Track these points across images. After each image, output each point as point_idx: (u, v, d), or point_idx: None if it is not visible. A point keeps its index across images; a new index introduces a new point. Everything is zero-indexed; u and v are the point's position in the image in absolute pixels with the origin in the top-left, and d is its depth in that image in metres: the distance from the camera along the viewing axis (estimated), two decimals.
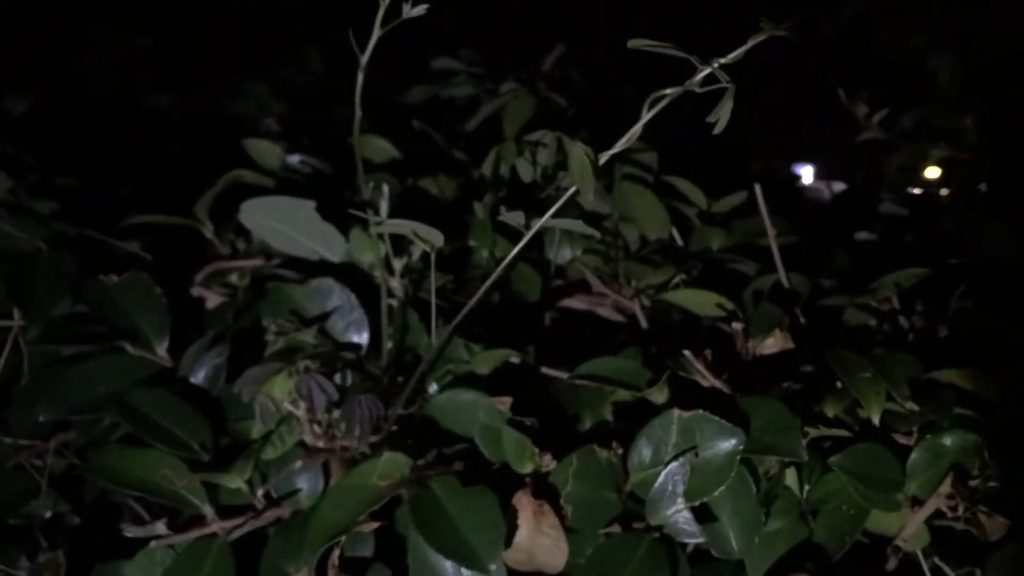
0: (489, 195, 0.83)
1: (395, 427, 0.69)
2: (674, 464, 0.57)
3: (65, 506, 0.94)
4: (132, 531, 0.69)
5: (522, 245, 0.63)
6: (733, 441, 0.57)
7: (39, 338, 0.83)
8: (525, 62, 1.28)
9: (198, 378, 0.76)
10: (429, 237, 0.64)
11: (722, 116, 0.55)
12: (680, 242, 0.95)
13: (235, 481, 0.68)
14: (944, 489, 0.60)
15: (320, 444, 0.67)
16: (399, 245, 0.76)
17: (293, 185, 0.92)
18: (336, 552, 0.61)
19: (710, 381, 0.65)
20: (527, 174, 0.89)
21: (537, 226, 0.61)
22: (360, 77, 0.61)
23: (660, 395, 0.64)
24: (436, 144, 1.04)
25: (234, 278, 0.89)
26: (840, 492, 0.63)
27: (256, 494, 0.69)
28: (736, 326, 0.72)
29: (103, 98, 1.91)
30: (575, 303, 0.95)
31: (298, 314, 0.74)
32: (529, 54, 1.35)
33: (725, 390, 0.65)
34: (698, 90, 0.57)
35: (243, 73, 2.00)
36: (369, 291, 0.75)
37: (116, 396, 0.72)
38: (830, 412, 0.64)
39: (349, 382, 0.72)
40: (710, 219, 0.97)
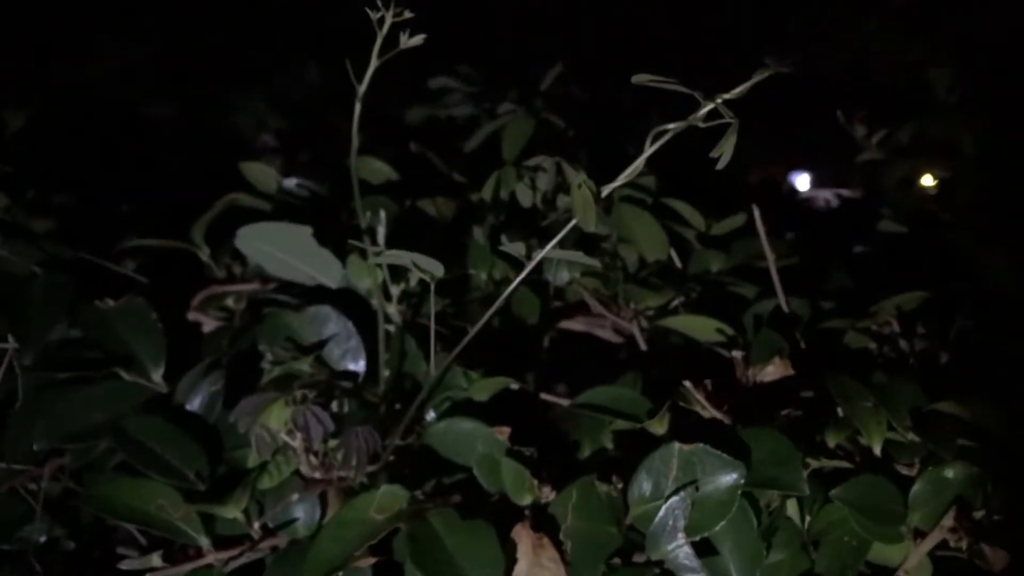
0: (488, 219, 0.83)
1: (392, 457, 0.69)
2: (675, 498, 0.57)
3: (60, 531, 0.93)
4: (128, 564, 0.68)
5: (524, 276, 0.63)
6: (735, 475, 0.56)
7: (34, 363, 0.82)
8: (524, 80, 1.28)
9: (194, 405, 0.76)
10: (429, 268, 0.63)
11: (725, 151, 0.55)
12: (679, 264, 0.94)
13: (231, 511, 0.67)
14: (947, 522, 0.59)
15: (317, 475, 0.67)
16: (397, 271, 0.75)
17: (290, 209, 0.92)
18: None
19: (710, 412, 0.64)
20: (527, 199, 0.88)
21: (538, 257, 0.61)
22: (358, 107, 0.60)
23: (660, 426, 0.63)
24: (434, 165, 1.04)
25: (230, 302, 0.89)
26: (842, 523, 0.62)
27: (253, 524, 0.69)
28: (736, 354, 0.72)
29: (101, 113, 1.91)
30: (574, 325, 0.95)
31: (295, 341, 0.73)
32: (528, 72, 1.35)
33: (726, 421, 0.64)
34: (702, 125, 0.56)
35: (241, 87, 2.00)
36: (367, 317, 0.74)
37: (111, 423, 0.72)
38: (831, 442, 0.63)
39: (346, 410, 0.72)
40: (709, 241, 0.96)
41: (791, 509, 0.64)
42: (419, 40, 0.60)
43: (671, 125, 0.57)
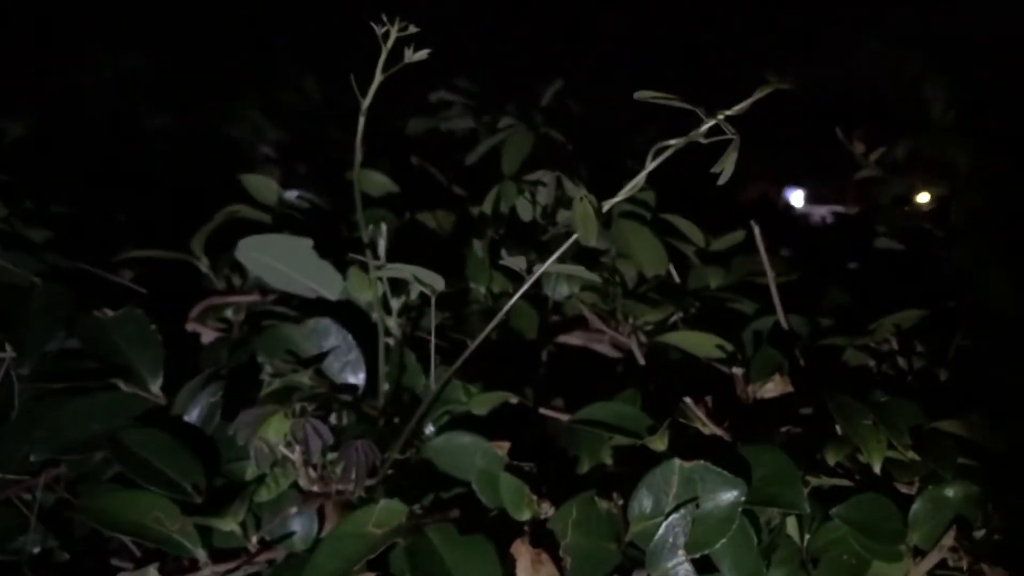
0: (488, 233, 0.83)
1: (391, 471, 0.68)
2: (675, 515, 0.57)
3: (54, 542, 0.93)
4: None
5: (524, 290, 0.63)
6: (735, 492, 0.56)
7: (31, 373, 0.82)
8: (524, 94, 1.29)
9: (192, 417, 0.75)
10: (430, 281, 0.63)
11: (727, 167, 0.55)
12: (678, 280, 0.94)
13: (228, 524, 0.67)
14: (947, 541, 0.59)
15: (315, 488, 0.66)
16: (397, 284, 0.75)
17: (290, 221, 0.92)
18: None
19: (711, 429, 0.64)
20: (526, 213, 0.88)
21: (539, 272, 0.61)
22: (361, 121, 0.60)
23: (661, 443, 0.63)
24: (434, 179, 1.04)
25: (229, 314, 0.88)
26: (841, 541, 0.62)
27: (250, 537, 0.68)
28: (736, 371, 0.72)
29: (99, 122, 1.91)
30: (572, 339, 0.95)
31: (295, 354, 0.73)
32: (528, 85, 1.36)
33: (726, 438, 0.64)
34: (703, 141, 0.57)
35: (240, 98, 2.00)
36: (367, 330, 0.74)
37: (108, 434, 0.71)
38: (831, 460, 0.63)
39: (345, 423, 0.72)
40: (708, 257, 0.97)
41: (790, 527, 0.64)
42: (424, 55, 0.60)
43: (673, 141, 0.57)
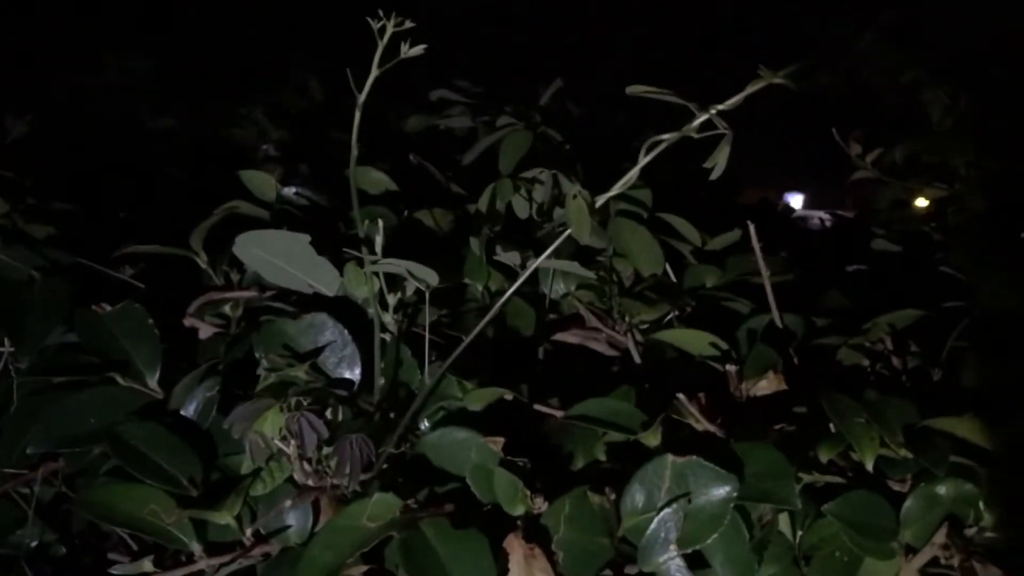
0: (484, 230, 0.83)
1: (386, 465, 0.69)
2: (667, 510, 0.57)
3: (52, 535, 0.93)
4: (119, 569, 0.68)
5: (517, 285, 0.64)
6: (727, 488, 0.57)
7: (30, 368, 0.82)
8: (523, 94, 1.29)
9: (189, 411, 0.76)
10: (424, 276, 0.63)
11: (719, 162, 0.56)
12: (674, 278, 0.95)
13: (224, 517, 0.67)
14: (939, 538, 0.59)
15: (310, 482, 0.67)
16: (393, 280, 0.76)
17: (288, 217, 0.92)
18: None
19: (704, 425, 0.64)
20: (523, 211, 0.89)
21: (532, 267, 0.61)
22: (357, 115, 0.61)
23: (654, 439, 0.64)
24: (433, 177, 1.04)
25: (228, 309, 0.89)
26: (834, 538, 0.62)
27: (245, 531, 0.69)
28: (730, 368, 0.72)
29: (103, 120, 1.92)
30: (569, 337, 0.95)
31: (291, 349, 0.73)
32: (527, 85, 1.36)
33: (719, 434, 0.64)
34: (696, 136, 0.57)
35: (243, 98, 2.01)
36: (364, 325, 0.75)
37: (106, 428, 0.72)
38: (824, 457, 0.64)
39: (341, 418, 0.72)
40: (704, 256, 0.97)
41: (783, 524, 0.64)
42: (420, 50, 0.60)
43: (665, 136, 0.58)
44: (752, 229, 0.78)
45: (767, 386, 0.72)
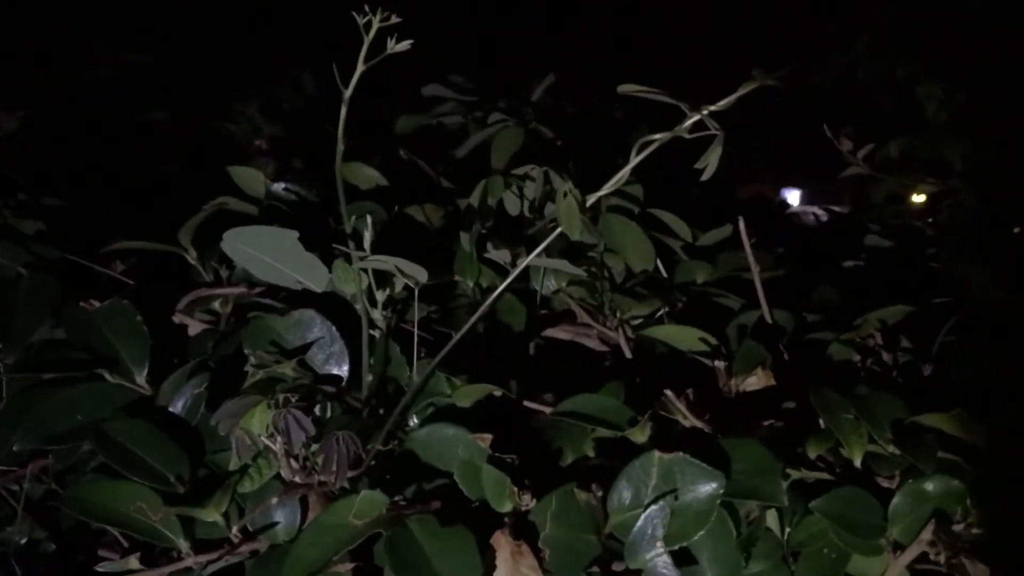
0: (475, 227, 0.83)
1: (374, 462, 0.68)
2: (654, 507, 0.57)
3: (41, 532, 0.93)
4: (105, 566, 0.68)
5: (508, 283, 0.63)
6: (714, 485, 0.56)
7: (17, 364, 0.82)
8: (516, 89, 1.29)
9: (177, 408, 0.75)
10: (413, 273, 0.63)
11: (711, 163, 0.56)
12: (665, 274, 0.94)
13: (211, 514, 0.67)
14: (926, 535, 0.59)
15: (297, 479, 0.66)
16: (383, 276, 0.75)
17: (277, 213, 0.92)
18: None
19: (692, 421, 0.64)
20: (514, 207, 0.88)
21: (522, 265, 0.61)
22: (343, 111, 0.61)
23: (641, 435, 0.63)
24: (424, 172, 1.04)
25: (217, 305, 0.88)
26: (822, 535, 0.62)
27: (232, 528, 0.68)
28: (718, 364, 0.72)
29: (95, 116, 1.91)
30: (560, 333, 0.95)
31: (279, 345, 0.73)
32: (521, 80, 1.36)
33: (707, 430, 0.64)
34: (687, 136, 0.57)
35: (237, 93, 2.00)
36: (353, 322, 0.74)
37: (93, 425, 0.71)
38: (812, 453, 0.63)
39: (329, 415, 0.72)
40: (695, 252, 0.97)
41: (771, 520, 0.64)
42: (406, 45, 0.60)
43: (656, 136, 0.57)
44: (742, 225, 0.78)
45: (756, 382, 0.72)
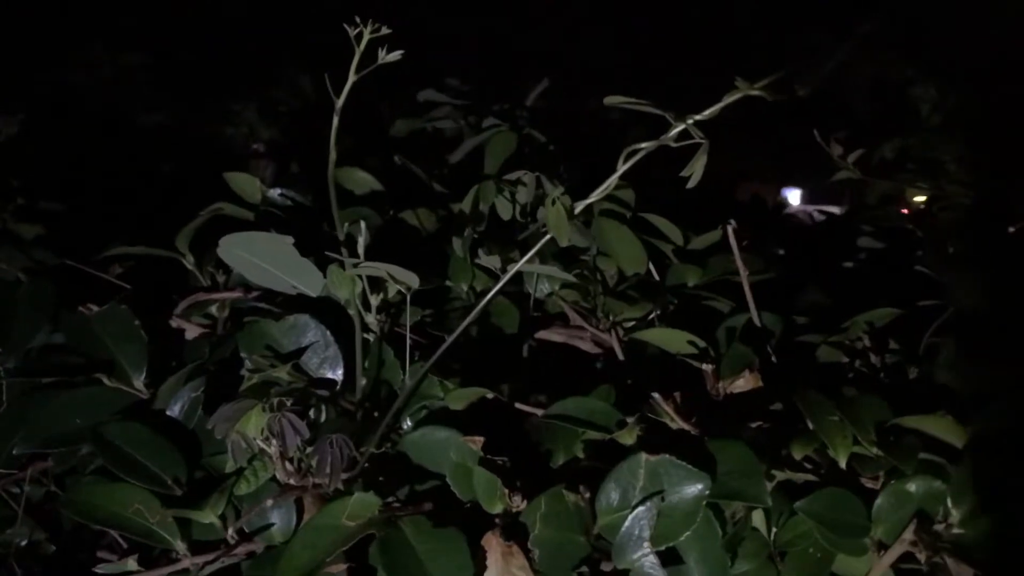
0: (468, 231, 0.84)
1: (368, 464, 0.69)
2: (641, 508, 0.58)
3: (41, 534, 0.94)
4: (103, 568, 0.69)
5: (498, 288, 0.64)
6: (699, 486, 0.57)
7: (16, 369, 0.83)
8: (511, 94, 1.30)
9: (174, 411, 0.76)
10: (404, 279, 0.64)
11: (696, 171, 0.57)
12: (657, 277, 0.95)
13: (208, 516, 0.68)
14: (908, 535, 0.60)
15: (292, 481, 0.67)
16: (376, 281, 0.76)
17: (272, 218, 0.93)
18: None
19: (678, 423, 0.65)
20: (506, 212, 0.89)
21: (513, 270, 0.62)
22: (335, 120, 0.62)
23: (629, 437, 0.64)
24: (421, 178, 1.05)
25: (214, 310, 0.89)
26: (808, 535, 0.63)
27: (229, 529, 0.69)
28: (706, 367, 0.73)
29: (94, 119, 1.92)
30: (554, 336, 0.96)
31: (273, 349, 0.74)
32: (516, 86, 1.37)
33: (693, 432, 0.65)
34: (673, 144, 0.58)
35: (236, 96, 2.02)
36: (348, 326, 0.75)
37: (91, 429, 0.73)
38: (797, 454, 0.64)
39: (324, 418, 0.73)
40: (686, 256, 0.98)
41: (758, 521, 0.65)
42: (397, 56, 0.61)
43: (643, 144, 0.58)
44: (730, 230, 0.79)
45: (744, 384, 0.73)
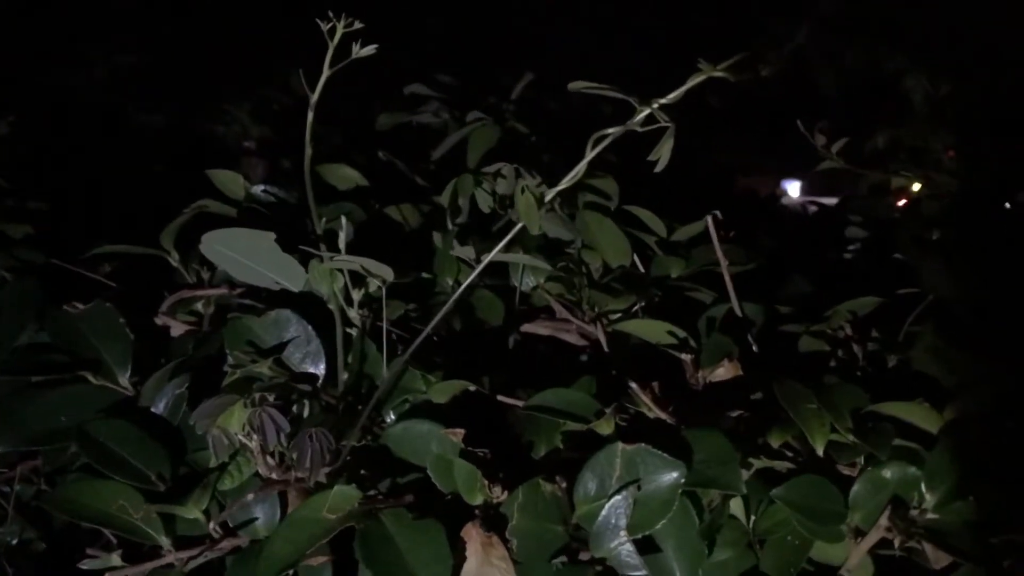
0: (449, 224, 0.84)
1: (350, 458, 0.70)
2: (617, 497, 0.58)
3: (32, 532, 0.95)
4: (87, 564, 0.69)
5: (473, 277, 0.65)
6: (675, 474, 0.58)
7: (2, 367, 0.83)
8: (496, 88, 1.30)
9: (159, 408, 0.77)
10: (380, 272, 0.64)
11: (663, 155, 0.57)
12: (642, 269, 0.96)
13: (191, 512, 0.69)
14: (883, 521, 0.61)
15: (274, 476, 0.68)
16: (359, 276, 0.77)
17: (256, 215, 0.93)
18: None
19: (656, 413, 0.66)
20: (485, 204, 0.90)
21: (486, 261, 0.62)
22: (310, 115, 0.62)
23: (607, 427, 0.65)
24: (402, 172, 1.05)
25: (200, 307, 0.90)
26: (786, 522, 0.64)
27: (213, 524, 0.70)
28: (685, 356, 0.73)
29: (86, 119, 1.92)
30: (539, 329, 0.96)
31: (256, 345, 0.74)
32: (502, 79, 1.37)
33: (670, 421, 0.66)
34: (639, 130, 0.58)
35: (227, 94, 2.02)
36: (331, 321, 0.76)
37: (76, 427, 0.73)
38: (775, 443, 0.65)
39: (307, 412, 0.73)
40: (670, 247, 0.98)
41: (737, 509, 0.65)
42: (371, 50, 0.61)
43: (610, 130, 0.59)
44: (710, 220, 0.79)
45: (724, 373, 0.73)
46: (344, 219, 0.72)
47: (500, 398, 0.76)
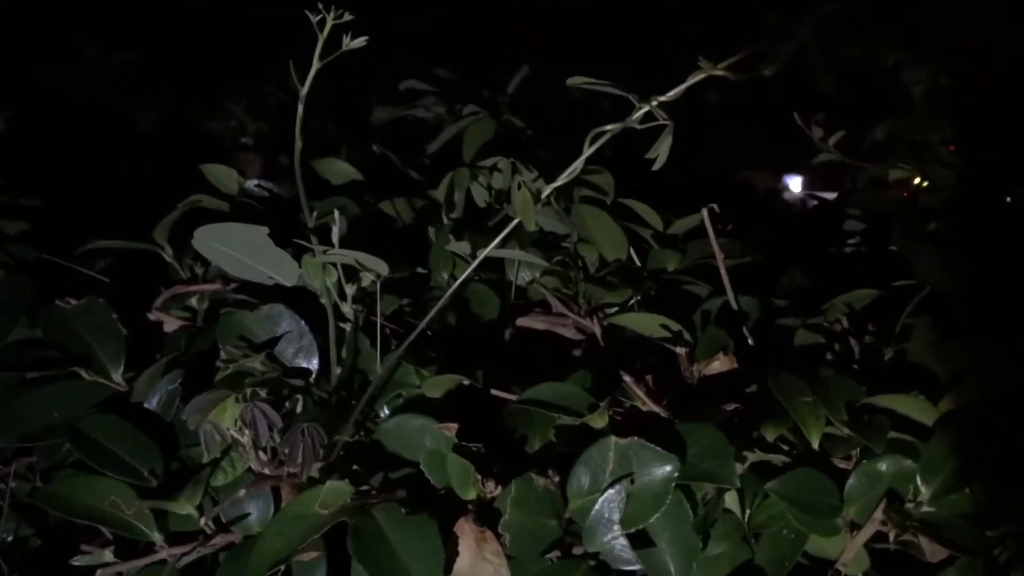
0: (445, 219, 0.84)
1: (343, 453, 0.70)
2: (610, 491, 0.58)
3: (27, 529, 0.94)
4: (79, 559, 0.69)
5: (468, 273, 0.64)
6: (668, 468, 0.57)
7: None
8: (493, 83, 1.30)
9: (152, 403, 0.76)
10: (374, 266, 0.64)
11: (661, 153, 0.57)
12: (639, 263, 0.95)
13: (184, 507, 0.68)
14: (878, 514, 0.60)
15: (267, 471, 0.68)
16: (352, 270, 0.76)
17: (249, 210, 0.93)
18: None
19: (650, 406, 0.65)
20: (481, 198, 0.89)
21: (480, 257, 0.62)
22: (300, 108, 0.62)
23: (600, 421, 0.64)
24: (397, 166, 1.05)
25: (194, 302, 0.90)
26: (781, 515, 0.64)
27: (202, 519, 0.69)
28: (680, 350, 0.73)
29: (80, 114, 1.92)
30: (535, 323, 0.96)
31: (248, 340, 0.74)
32: (500, 74, 1.36)
33: (664, 415, 0.65)
34: (638, 127, 0.58)
35: (224, 90, 2.01)
36: (322, 316, 0.75)
37: (69, 423, 0.73)
38: (770, 436, 0.64)
39: (299, 408, 0.73)
40: (666, 241, 0.98)
41: (732, 503, 0.65)
42: (361, 42, 0.61)
43: (608, 127, 0.58)
44: (706, 214, 0.79)
45: (719, 367, 0.73)
46: (337, 213, 0.71)
47: (494, 392, 0.76)
